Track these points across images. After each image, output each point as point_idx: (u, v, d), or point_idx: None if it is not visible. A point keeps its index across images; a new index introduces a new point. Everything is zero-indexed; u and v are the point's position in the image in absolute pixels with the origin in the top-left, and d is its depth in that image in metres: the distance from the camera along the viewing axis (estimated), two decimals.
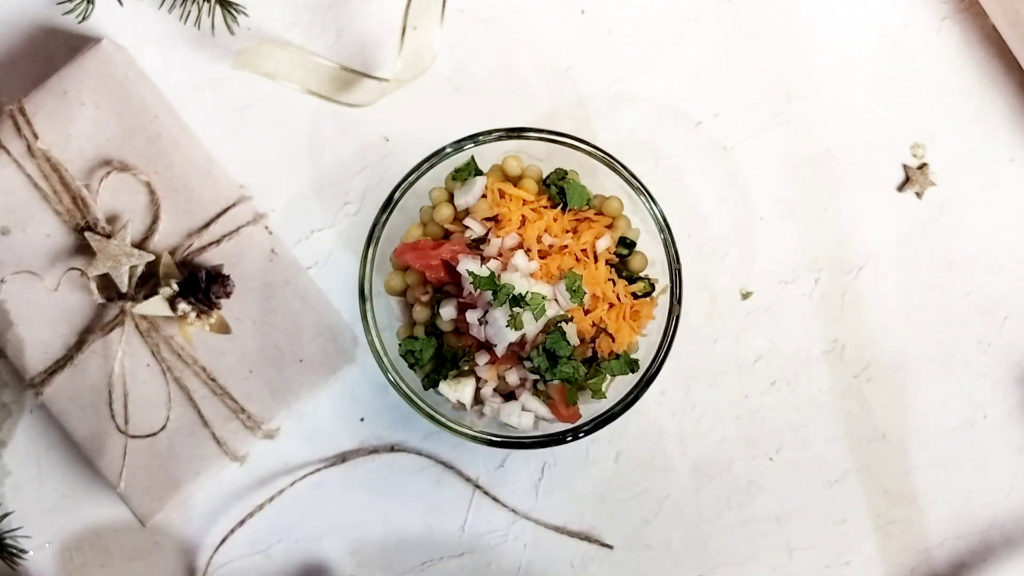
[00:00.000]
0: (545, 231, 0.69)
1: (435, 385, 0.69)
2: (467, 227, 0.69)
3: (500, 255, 0.68)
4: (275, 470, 0.74)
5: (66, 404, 0.71)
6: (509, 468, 0.75)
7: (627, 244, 0.70)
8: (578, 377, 0.68)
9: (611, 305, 0.69)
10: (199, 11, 0.72)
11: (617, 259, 0.70)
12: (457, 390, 0.69)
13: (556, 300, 0.67)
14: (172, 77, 0.74)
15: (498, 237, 0.68)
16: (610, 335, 0.69)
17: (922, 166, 0.75)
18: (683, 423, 0.75)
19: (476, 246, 0.68)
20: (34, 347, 0.70)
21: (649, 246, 0.71)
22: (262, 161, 0.74)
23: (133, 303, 0.70)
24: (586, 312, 0.68)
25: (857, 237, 0.75)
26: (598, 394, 0.69)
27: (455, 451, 0.74)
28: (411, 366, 0.69)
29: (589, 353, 0.69)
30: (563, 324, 0.67)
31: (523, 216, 0.69)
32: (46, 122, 0.70)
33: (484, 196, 0.69)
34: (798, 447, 0.75)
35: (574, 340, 0.67)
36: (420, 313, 0.69)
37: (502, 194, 0.69)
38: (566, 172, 0.70)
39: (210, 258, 0.71)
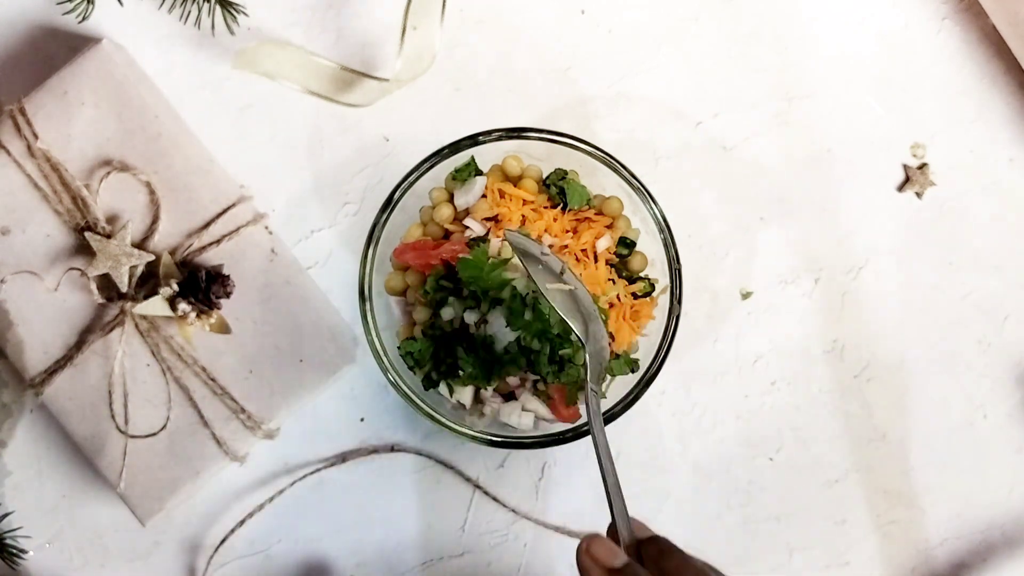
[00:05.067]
0: (545, 231, 0.69)
1: (435, 385, 0.69)
2: (467, 227, 0.69)
3: (500, 255, 0.68)
4: (275, 470, 0.74)
5: (66, 404, 0.71)
6: (509, 468, 0.75)
7: (627, 244, 0.70)
8: (579, 378, 0.68)
9: (611, 305, 0.69)
10: (199, 11, 0.72)
11: (617, 259, 0.70)
12: (457, 390, 0.69)
13: None
14: (172, 77, 0.74)
15: (498, 237, 0.68)
16: (610, 335, 0.68)
17: (922, 166, 0.75)
18: (683, 423, 0.75)
19: (476, 246, 0.68)
20: (34, 347, 0.70)
21: (649, 246, 0.71)
22: (262, 161, 0.74)
23: (133, 303, 0.70)
24: None
25: (857, 237, 0.75)
26: (598, 394, 0.69)
27: (455, 451, 0.74)
28: (411, 367, 0.69)
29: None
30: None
31: (523, 216, 0.69)
32: (46, 122, 0.70)
33: (484, 196, 0.69)
34: (798, 447, 0.75)
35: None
36: (420, 313, 0.69)
37: (502, 194, 0.69)
38: (566, 172, 0.70)
39: (210, 258, 0.71)
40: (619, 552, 0.51)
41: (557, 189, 0.69)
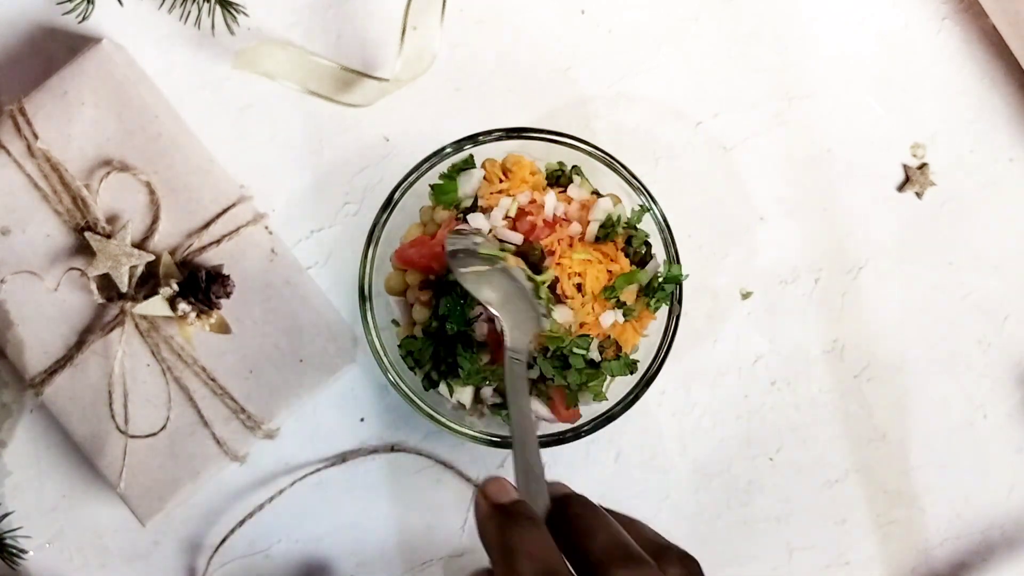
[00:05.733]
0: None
1: (435, 385, 0.69)
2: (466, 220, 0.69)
3: (508, 218, 0.67)
4: (275, 470, 0.74)
5: (66, 404, 0.71)
6: (509, 468, 0.75)
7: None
8: (584, 383, 0.68)
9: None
10: (199, 11, 0.72)
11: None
12: (457, 390, 0.69)
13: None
14: (172, 77, 0.74)
15: (509, 196, 0.68)
16: (618, 345, 0.69)
17: (922, 166, 0.75)
18: (683, 423, 0.75)
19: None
20: (34, 347, 0.70)
21: None
22: (262, 161, 0.74)
23: (133, 303, 0.70)
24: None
25: (857, 237, 0.75)
26: (599, 396, 0.69)
27: (455, 451, 0.74)
28: (411, 367, 0.69)
29: (598, 358, 0.69)
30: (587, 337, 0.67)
31: (531, 190, 0.68)
32: (46, 122, 0.70)
33: (486, 179, 0.69)
34: (798, 447, 0.75)
35: (595, 355, 0.67)
36: (420, 313, 0.69)
37: (506, 174, 0.69)
38: (562, 165, 0.70)
39: (210, 258, 0.71)
40: (511, 491, 0.49)
41: (567, 178, 0.70)
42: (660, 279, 0.68)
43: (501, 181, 0.69)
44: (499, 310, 0.61)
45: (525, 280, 0.64)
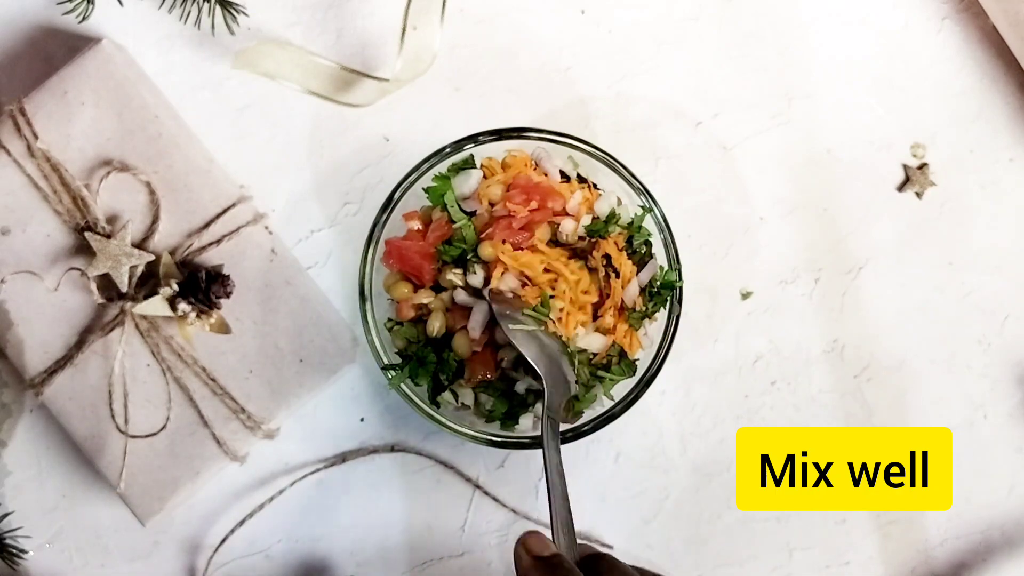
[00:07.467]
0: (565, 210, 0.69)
1: (437, 403, 0.69)
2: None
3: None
4: (275, 470, 0.74)
5: (66, 404, 0.71)
6: (509, 468, 0.75)
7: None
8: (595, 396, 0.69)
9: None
10: (199, 11, 0.72)
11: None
12: (461, 393, 0.69)
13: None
14: (172, 77, 0.74)
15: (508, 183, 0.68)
16: (623, 351, 0.69)
17: (922, 166, 0.75)
18: (683, 423, 0.75)
19: (460, 233, 0.68)
20: (34, 347, 0.70)
21: None
22: (262, 161, 0.74)
23: (133, 303, 0.70)
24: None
25: (857, 237, 0.75)
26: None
27: (455, 451, 0.74)
28: (413, 379, 0.69)
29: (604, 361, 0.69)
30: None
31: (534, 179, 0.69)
32: (46, 122, 0.70)
33: (485, 177, 0.69)
34: None
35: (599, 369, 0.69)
36: (409, 331, 0.70)
37: (504, 167, 0.69)
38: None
39: (210, 258, 0.71)
40: (551, 546, 0.54)
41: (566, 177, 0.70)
42: (658, 283, 0.68)
43: (504, 169, 0.69)
44: (543, 371, 0.64)
45: (561, 347, 0.66)
